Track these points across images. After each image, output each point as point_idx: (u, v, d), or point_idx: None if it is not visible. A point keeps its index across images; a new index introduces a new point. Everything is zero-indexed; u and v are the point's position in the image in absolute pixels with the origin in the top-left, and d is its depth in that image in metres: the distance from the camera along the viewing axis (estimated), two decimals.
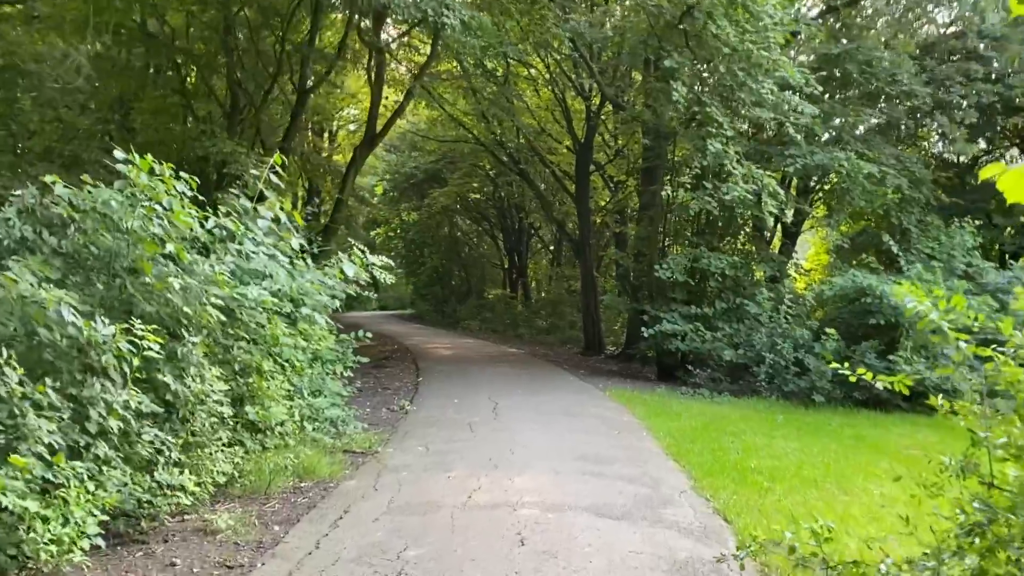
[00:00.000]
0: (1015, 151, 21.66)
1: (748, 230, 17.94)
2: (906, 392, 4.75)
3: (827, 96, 16.38)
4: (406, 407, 11.77)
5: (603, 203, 27.72)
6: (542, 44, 21.30)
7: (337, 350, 11.28)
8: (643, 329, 15.88)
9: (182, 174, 6.67)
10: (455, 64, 23.53)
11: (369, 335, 11.97)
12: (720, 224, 16.78)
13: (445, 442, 8.91)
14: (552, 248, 36.93)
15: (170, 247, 6.03)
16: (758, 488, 7.21)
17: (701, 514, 6.27)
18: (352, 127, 34.47)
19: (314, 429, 8.50)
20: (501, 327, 32.96)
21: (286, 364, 8.46)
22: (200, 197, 6.85)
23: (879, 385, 4.66)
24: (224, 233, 6.98)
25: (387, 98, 25.95)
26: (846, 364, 4.72)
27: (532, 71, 25.23)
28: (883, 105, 17.05)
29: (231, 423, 7.08)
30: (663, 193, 17.61)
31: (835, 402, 14.03)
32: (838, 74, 17.01)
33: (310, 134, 30.83)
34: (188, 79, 18.61)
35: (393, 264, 9.77)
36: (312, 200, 32.58)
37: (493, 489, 6.76)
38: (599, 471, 7.51)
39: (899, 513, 6.75)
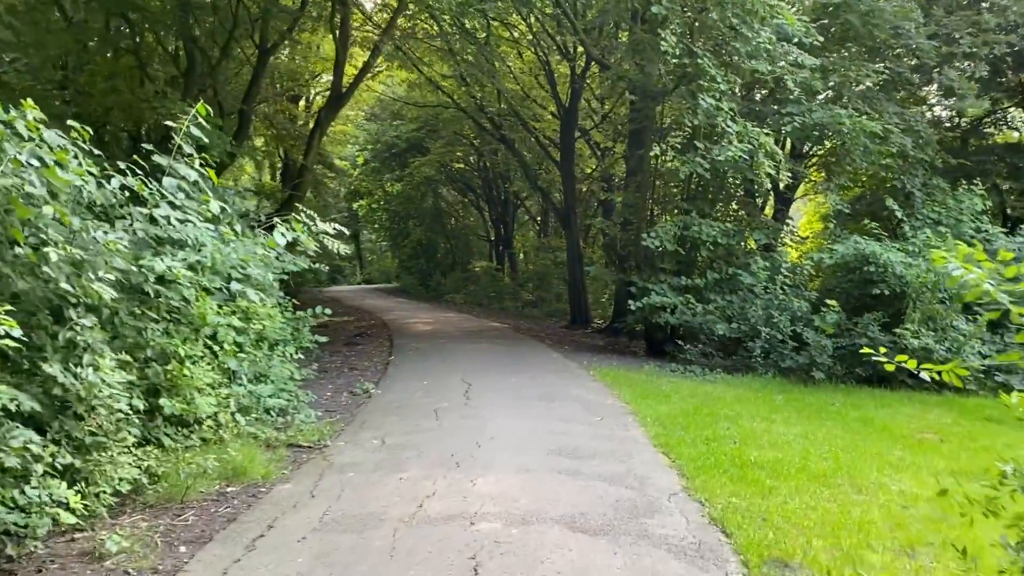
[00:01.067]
0: (1020, 111, 20.62)
1: (741, 195, 16.86)
2: (959, 384, 3.76)
3: (825, 51, 15.21)
4: (370, 390, 10.74)
5: (589, 171, 26.59)
6: (524, 2, 20.13)
7: (289, 329, 10.25)
8: (630, 302, 14.84)
9: (72, 123, 5.57)
10: (432, 24, 22.30)
11: (328, 312, 10.94)
12: (711, 189, 15.69)
13: (405, 433, 7.88)
14: (539, 219, 35.78)
15: (48, 210, 4.92)
16: (760, 488, 6.20)
17: (695, 525, 5.26)
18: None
19: (252, 420, 7.45)
20: (486, 300, 31.97)
21: (219, 347, 7.41)
22: (96, 152, 5.74)
23: (924, 375, 3.67)
24: (128, 195, 5.87)
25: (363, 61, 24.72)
26: (882, 350, 3.72)
27: (515, 32, 23.99)
28: (885, 61, 15.91)
29: (143, 419, 6.04)
30: (651, 157, 16.54)
31: (836, 379, 13.09)
32: (834, 29, 15.86)
33: (285, 100, 29.34)
34: (141, 38, 17.27)
35: (346, 232, 8.68)
36: (288, 168, 31.35)
37: (450, 495, 5.73)
38: (576, 469, 6.48)
39: (925, 514, 5.80)
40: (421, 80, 24.60)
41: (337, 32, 15.32)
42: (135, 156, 6.29)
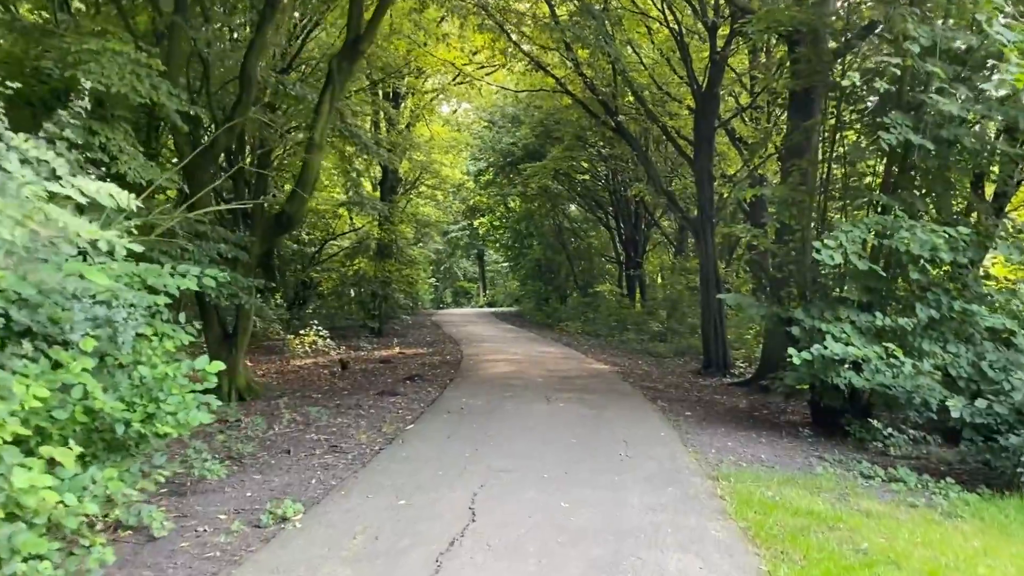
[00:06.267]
0: None
1: (970, 182, 10.70)
2: None
3: None
4: (290, 517, 5.74)
5: (732, 171, 20.86)
6: None
7: (118, 408, 5.46)
8: (791, 351, 9.12)
9: None
10: None
11: (203, 367, 6.03)
12: (932, 171, 9.80)
13: None
14: (674, 237, 30.04)
15: None
16: None
17: None
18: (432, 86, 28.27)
19: None
20: (605, 330, 26.64)
21: None
22: None
23: None
24: None
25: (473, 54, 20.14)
26: None
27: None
28: None
29: None
30: (824, 130, 10.92)
31: None
32: None
33: (381, 99, 24.66)
34: None
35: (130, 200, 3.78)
36: (387, 178, 26.96)
37: None
38: None
39: None
40: (517, 54, 19.60)
41: None
42: None
